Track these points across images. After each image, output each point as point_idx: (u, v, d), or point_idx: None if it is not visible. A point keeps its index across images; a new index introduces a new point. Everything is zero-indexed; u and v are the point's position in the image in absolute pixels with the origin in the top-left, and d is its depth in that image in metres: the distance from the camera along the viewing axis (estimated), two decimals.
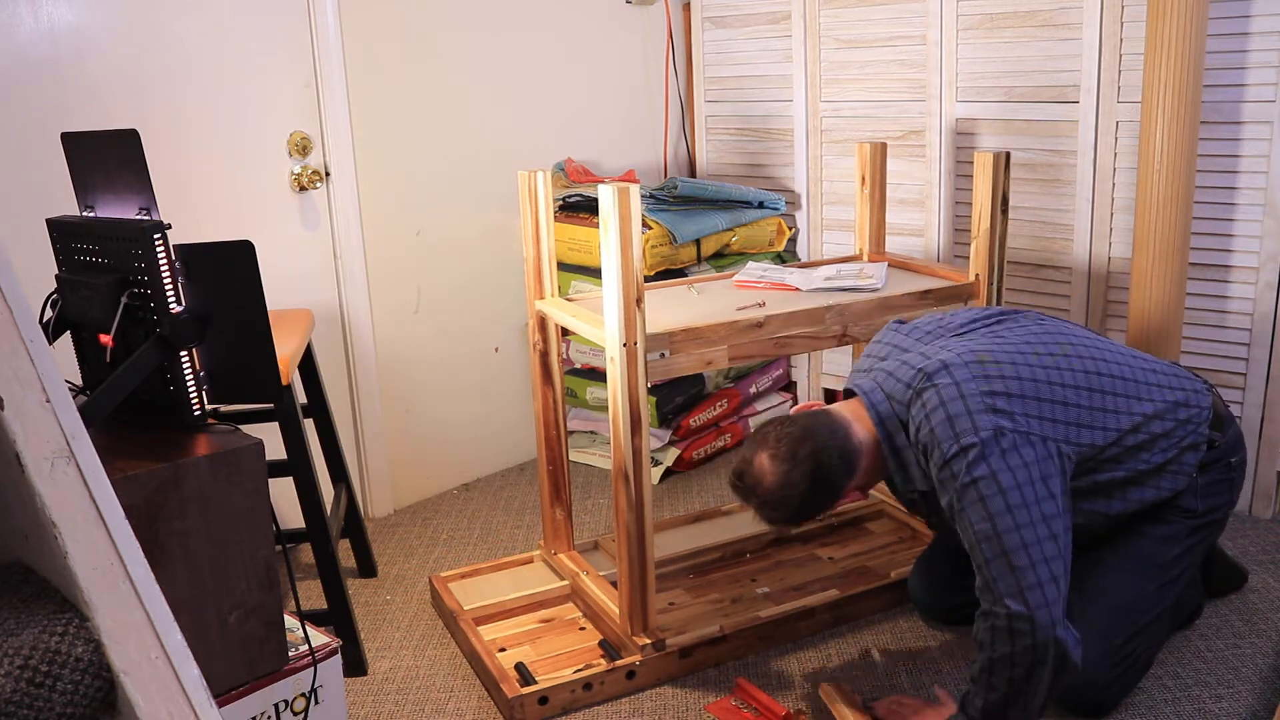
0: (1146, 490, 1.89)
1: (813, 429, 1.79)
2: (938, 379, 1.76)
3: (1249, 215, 2.54)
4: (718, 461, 3.21)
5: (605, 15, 3.31)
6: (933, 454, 1.73)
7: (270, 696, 1.54)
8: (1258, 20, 2.44)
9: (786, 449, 1.76)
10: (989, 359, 1.78)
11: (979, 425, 1.69)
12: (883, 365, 1.90)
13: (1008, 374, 1.76)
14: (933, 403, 1.74)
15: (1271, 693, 1.98)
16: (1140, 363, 1.93)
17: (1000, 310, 2.02)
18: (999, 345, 1.84)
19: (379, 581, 2.56)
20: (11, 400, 1.04)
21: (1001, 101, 2.89)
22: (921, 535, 2.56)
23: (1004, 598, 1.65)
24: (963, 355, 1.79)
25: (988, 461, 1.66)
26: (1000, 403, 1.72)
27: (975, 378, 1.74)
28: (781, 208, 3.27)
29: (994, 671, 1.67)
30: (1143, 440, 1.85)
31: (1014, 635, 1.64)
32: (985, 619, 1.69)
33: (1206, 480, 1.94)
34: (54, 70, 2.18)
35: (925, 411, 1.74)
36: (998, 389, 1.74)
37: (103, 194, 1.53)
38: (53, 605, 1.11)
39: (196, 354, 1.47)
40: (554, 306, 2.27)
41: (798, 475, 1.75)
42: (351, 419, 2.84)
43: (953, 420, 1.70)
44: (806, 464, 1.75)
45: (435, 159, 2.90)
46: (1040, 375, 1.78)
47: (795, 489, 1.75)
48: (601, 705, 2.04)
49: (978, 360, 1.78)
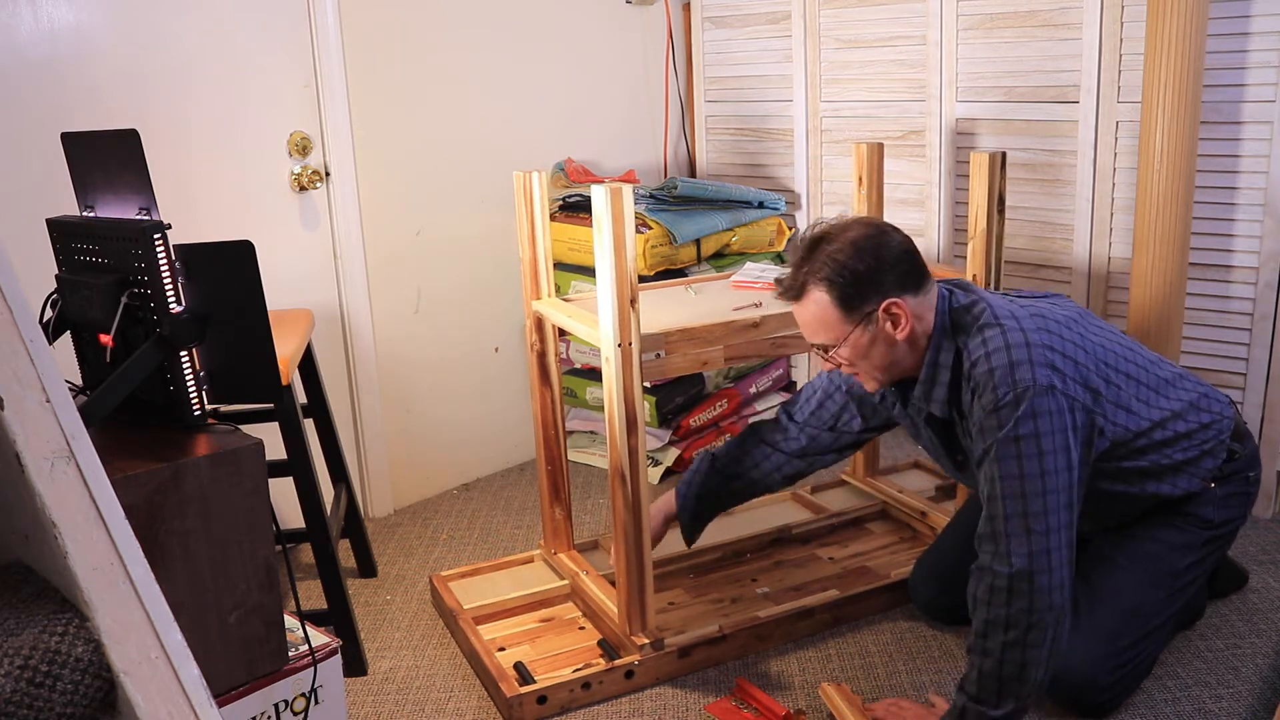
0: (1163, 485, 1.91)
1: (901, 237, 1.80)
2: (1005, 321, 1.75)
3: (1249, 215, 2.54)
4: None
5: (605, 15, 3.32)
6: (983, 395, 1.72)
7: (270, 696, 1.54)
8: (1258, 20, 2.44)
9: (875, 226, 1.79)
10: (1049, 320, 1.78)
11: (1037, 378, 1.68)
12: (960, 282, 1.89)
13: (1066, 337, 1.77)
14: (997, 342, 1.72)
15: (1271, 693, 1.98)
16: (1167, 364, 1.96)
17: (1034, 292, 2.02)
18: (1053, 312, 1.84)
19: (379, 581, 2.56)
20: (11, 400, 1.04)
21: (1001, 101, 2.89)
22: (922, 535, 2.56)
23: (1011, 555, 1.65)
24: (1027, 308, 1.80)
25: (1035, 421, 1.66)
26: (1058, 360, 1.72)
27: (1039, 329, 1.74)
28: (781, 208, 3.27)
29: (988, 635, 1.67)
30: (1168, 436, 1.87)
31: (1012, 595, 1.65)
32: (984, 575, 1.69)
33: (1225, 492, 1.96)
34: (54, 70, 2.18)
35: (987, 349, 1.73)
36: (1057, 347, 1.74)
37: (103, 194, 1.53)
38: (53, 605, 1.11)
39: (196, 354, 1.47)
40: (550, 307, 2.27)
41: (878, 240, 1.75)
42: (351, 419, 2.84)
43: (1014, 366, 1.69)
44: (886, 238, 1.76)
45: (435, 159, 2.90)
46: (1090, 350, 1.80)
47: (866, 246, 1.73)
48: (600, 705, 2.04)
49: (1041, 316, 1.78)
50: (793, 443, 2.18)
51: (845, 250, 1.73)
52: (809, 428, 2.17)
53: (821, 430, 2.17)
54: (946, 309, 1.81)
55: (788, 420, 2.20)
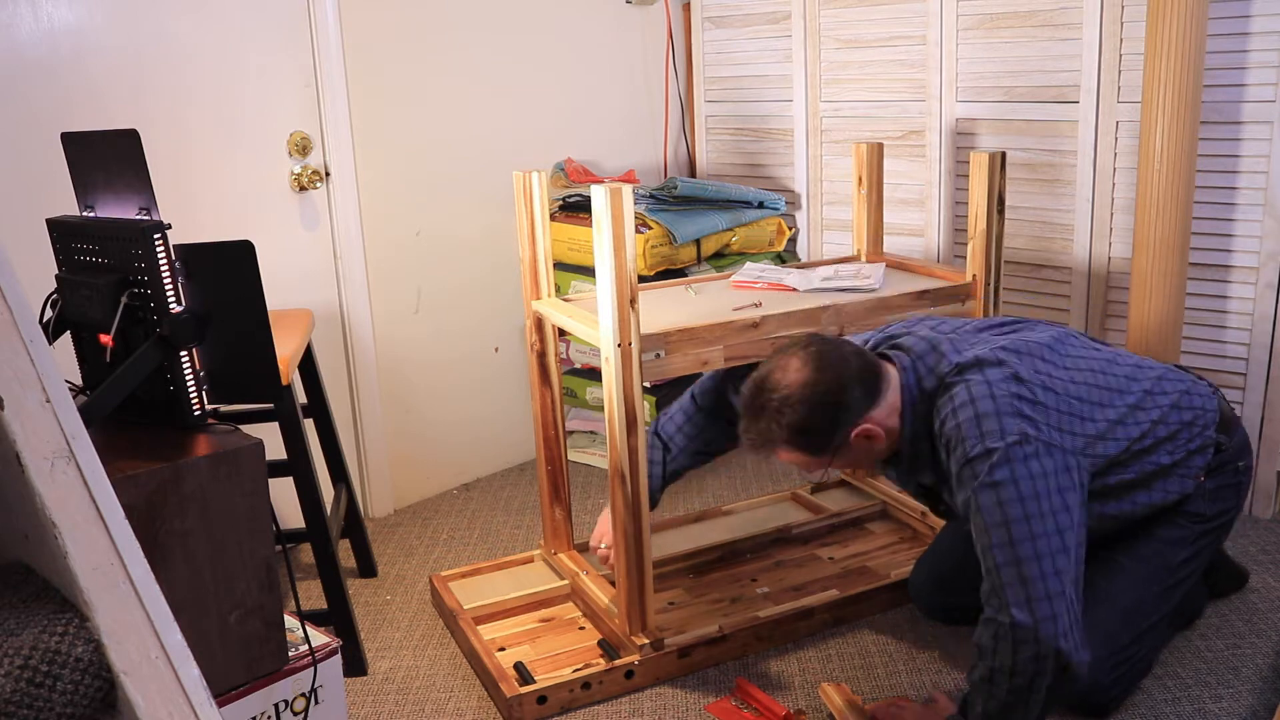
0: (1154, 494, 1.90)
1: (849, 354, 1.78)
2: (969, 375, 1.75)
3: (1249, 215, 2.54)
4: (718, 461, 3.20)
5: (605, 15, 3.31)
6: (955, 450, 1.72)
7: (270, 696, 1.54)
8: (1258, 20, 2.44)
9: (816, 356, 1.75)
10: (1017, 364, 1.78)
11: (1005, 429, 1.68)
12: (912, 343, 1.87)
13: (1034, 381, 1.76)
14: (962, 398, 1.73)
15: (1271, 693, 1.98)
16: (1146, 370, 1.93)
17: (1014, 319, 2.02)
18: (1024, 349, 1.83)
19: (379, 581, 2.56)
20: (11, 400, 1.04)
21: (1001, 101, 2.89)
22: (922, 535, 2.56)
23: (1010, 606, 1.64)
24: (995, 354, 1.79)
25: (1010, 466, 1.66)
26: (1026, 409, 1.72)
27: (1006, 378, 1.74)
28: (781, 208, 3.27)
29: (994, 681, 1.66)
30: (1149, 445, 1.86)
31: (1017, 646, 1.63)
32: (989, 626, 1.68)
33: (1215, 484, 1.95)
34: (54, 70, 2.18)
35: (954, 405, 1.73)
36: (1025, 394, 1.74)
37: (103, 194, 1.53)
38: (53, 605, 1.11)
39: (196, 354, 1.47)
40: (550, 307, 2.27)
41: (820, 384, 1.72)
42: (351, 419, 2.84)
43: (980, 419, 1.70)
44: (831, 374, 1.73)
45: (435, 159, 2.90)
46: (1060, 387, 1.79)
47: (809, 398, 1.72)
48: (600, 705, 2.04)
49: (1008, 363, 1.77)
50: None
51: (792, 413, 1.73)
52: None
53: None
54: (914, 382, 1.81)
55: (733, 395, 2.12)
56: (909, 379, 1.81)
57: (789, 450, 1.79)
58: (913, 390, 1.80)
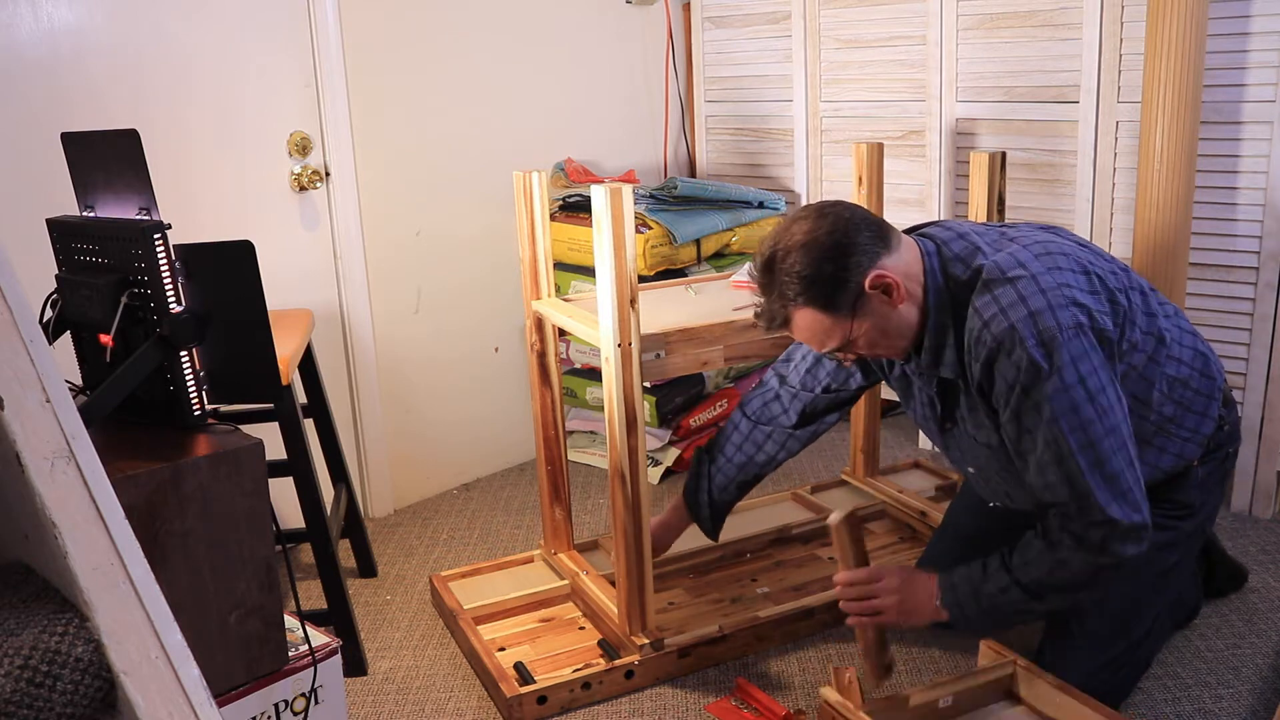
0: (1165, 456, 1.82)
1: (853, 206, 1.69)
2: (1012, 272, 1.65)
3: (1249, 215, 2.54)
4: None
5: (605, 15, 3.32)
6: (1010, 351, 1.61)
7: (270, 696, 1.54)
8: (1258, 20, 2.44)
9: (817, 210, 1.67)
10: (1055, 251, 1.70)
11: (1062, 322, 1.60)
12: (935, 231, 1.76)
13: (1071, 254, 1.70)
14: (1008, 296, 1.62)
15: (1271, 693, 1.98)
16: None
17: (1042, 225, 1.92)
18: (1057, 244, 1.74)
19: (379, 581, 2.56)
20: (11, 400, 1.04)
21: (1001, 101, 2.89)
22: (921, 535, 2.56)
23: (1106, 505, 1.60)
24: (1030, 248, 1.70)
25: (1077, 365, 1.59)
26: (1079, 295, 1.64)
27: (1049, 270, 1.65)
28: (781, 208, 3.27)
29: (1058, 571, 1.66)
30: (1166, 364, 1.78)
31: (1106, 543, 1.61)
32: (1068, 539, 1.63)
33: (1205, 471, 1.88)
34: (54, 70, 2.18)
35: (1000, 306, 1.63)
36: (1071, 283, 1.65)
37: (103, 194, 1.53)
38: (53, 605, 1.11)
39: (196, 354, 1.47)
40: (550, 307, 2.27)
41: (822, 228, 1.64)
42: (351, 419, 2.84)
43: (1035, 316, 1.60)
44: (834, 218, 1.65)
45: (435, 159, 2.90)
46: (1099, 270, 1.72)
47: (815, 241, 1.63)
48: (600, 705, 2.04)
49: (1047, 253, 1.68)
50: (791, 413, 2.11)
51: (801, 259, 1.64)
52: (804, 392, 2.10)
53: (816, 392, 2.09)
54: (938, 266, 1.70)
55: (779, 385, 2.13)
56: (932, 262, 1.70)
57: (804, 310, 1.67)
58: (937, 273, 1.70)
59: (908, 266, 1.69)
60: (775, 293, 1.68)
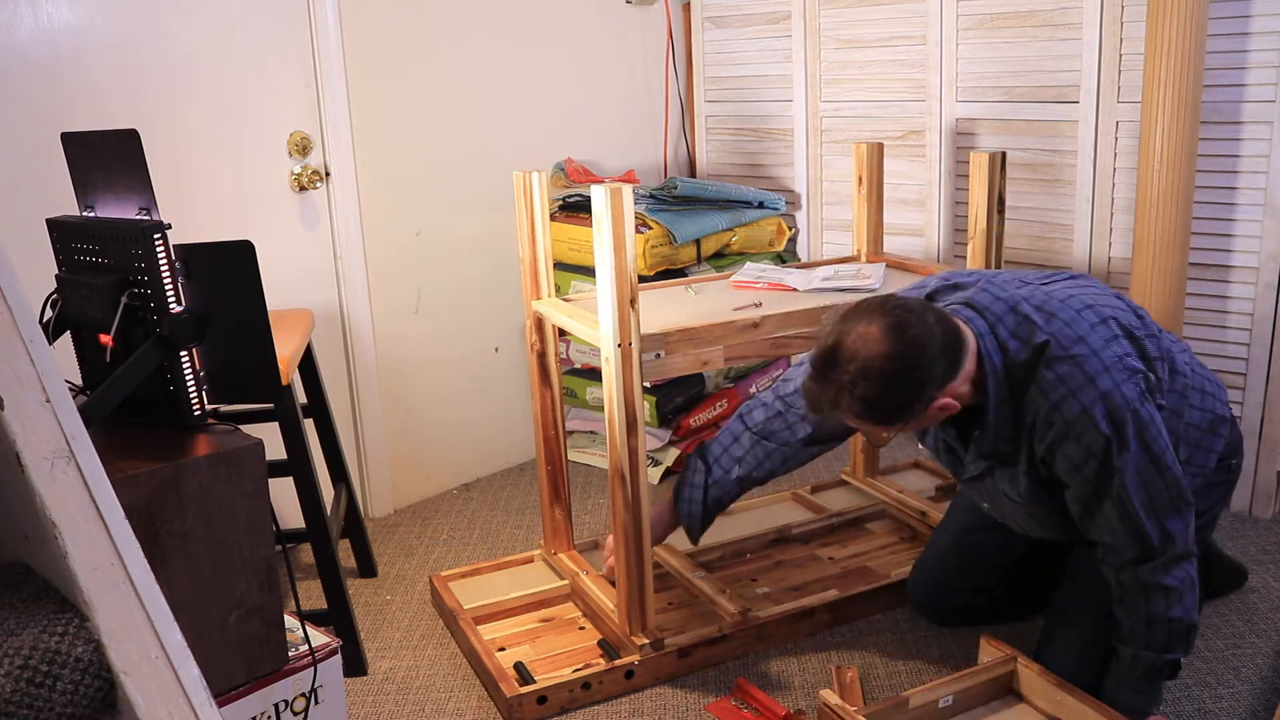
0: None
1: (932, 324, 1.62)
2: (1075, 349, 1.66)
3: (1249, 215, 2.54)
4: None
5: (605, 15, 3.32)
6: (1081, 435, 1.65)
7: (270, 696, 1.54)
8: (1258, 20, 2.44)
9: (897, 327, 1.59)
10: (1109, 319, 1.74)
11: (1129, 397, 1.65)
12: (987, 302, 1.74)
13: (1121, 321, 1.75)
14: (1076, 379, 1.64)
15: (1271, 693, 1.98)
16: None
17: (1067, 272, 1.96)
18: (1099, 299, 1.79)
19: (379, 581, 2.56)
20: (11, 400, 1.04)
21: (1001, 101, 2.89)
22: (921, 535, 2.56)
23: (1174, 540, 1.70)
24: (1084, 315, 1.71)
25: (1144, 433, 1.66)
26: (1133, 361, 1.70)
27: (1108, 342, 1.68)
28: (781, 208, 3.27)
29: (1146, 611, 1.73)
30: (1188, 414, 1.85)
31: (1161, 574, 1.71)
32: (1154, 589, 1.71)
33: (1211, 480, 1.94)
34: (54, 70, 2.18)
35: (1069, 388, 1.64)
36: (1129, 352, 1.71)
37: (103, 194, 1.53)
38: (53, 605, 1.11)
39: (196, 354, 1.47)
40: (550, 307, 2.27)
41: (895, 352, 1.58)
42: (351, 419, 2.84)
43: (1105, 398, 1.64)
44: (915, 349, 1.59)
45: (435, 159, 2.90)
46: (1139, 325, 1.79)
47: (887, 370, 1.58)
48: (600, 705, 2.04)
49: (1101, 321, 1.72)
50: (798, 431, 2.06)
51: (868, 386, 1.59)
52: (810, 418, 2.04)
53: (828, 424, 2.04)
54: (994, 347, 1.69)
55: (784, 407, 2.08)
56: (988, 344, 1.69)
57: (856, 420, 1.67)
58: (995, 358, 1.69)
59: (966, 374, 1.68)
60: (832, 394, 1.63)
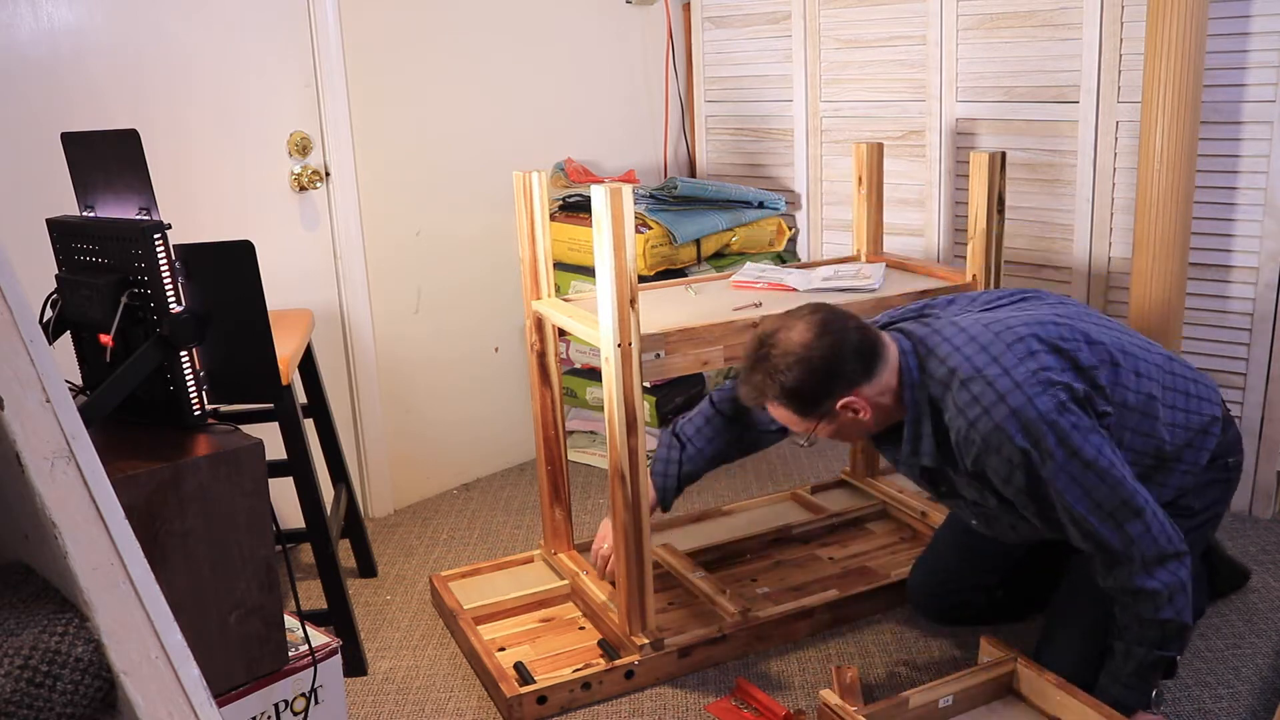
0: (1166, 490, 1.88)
1: (851, 328, 1.78)
2: (987, 370, 1.73)
3: (1249, 215, 2.54)
4: None
5: (605, 15, 3.32)
6: (999, 448, 1.70)
7: (270, 696, 1.54)
8: (1258, 20, 2.44)
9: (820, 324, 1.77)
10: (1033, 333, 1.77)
11: (1043, 409, 1.68)
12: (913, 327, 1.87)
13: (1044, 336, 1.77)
14: (988, 397, 1.71)
15: (1271, 693, 1.98)
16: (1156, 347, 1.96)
17: (1020, 291, 2.01)
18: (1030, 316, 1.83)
19: (379, 581, 2.56)
20: (11, 400, 1.04)
21: (1001, 101, 2.89)
22: (921, 535, 2.56)
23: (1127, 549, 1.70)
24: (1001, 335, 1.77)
25: (1065, 440, 1.68)
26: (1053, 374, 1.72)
27: (1023, 359, 1.73)
28: (781, 208, 3.27)
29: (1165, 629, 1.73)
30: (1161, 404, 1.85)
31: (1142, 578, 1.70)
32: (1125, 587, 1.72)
33: (1206, 479, 1.93)
34: (54, 70, 2.18)
35: (982, 406, 1.71)
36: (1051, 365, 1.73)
37: (103, 194, 1.53)
38: (53, 605, 1.11)
39: (196, 354, 1.47)
40: (550, 307, 2.27)
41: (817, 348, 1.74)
42: (351, 419, 2.84)
43: (1017, 413, 1.68)
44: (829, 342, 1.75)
45: (435, 159, 2.90)
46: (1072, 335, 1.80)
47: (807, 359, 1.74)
48: (600, 705, 2.04)
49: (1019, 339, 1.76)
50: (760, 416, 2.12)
51: (791, 367, 1.75)
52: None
53: None
54: (915, 365, 1.81)
55: None
56: (909, 360, 1.82)
57: (779, 407, 1.81)
58: (914, 371, 1.80)
59: (884, 386, 1.80)
60: (758, 379, 1.80)
